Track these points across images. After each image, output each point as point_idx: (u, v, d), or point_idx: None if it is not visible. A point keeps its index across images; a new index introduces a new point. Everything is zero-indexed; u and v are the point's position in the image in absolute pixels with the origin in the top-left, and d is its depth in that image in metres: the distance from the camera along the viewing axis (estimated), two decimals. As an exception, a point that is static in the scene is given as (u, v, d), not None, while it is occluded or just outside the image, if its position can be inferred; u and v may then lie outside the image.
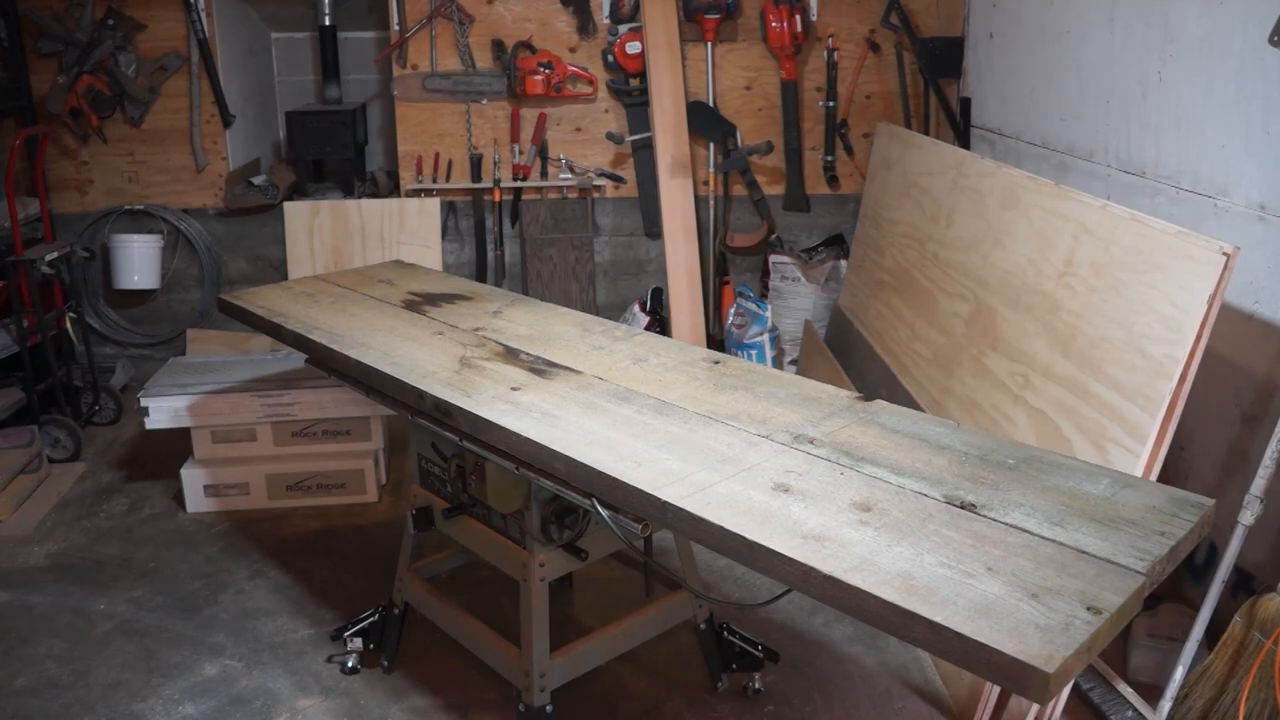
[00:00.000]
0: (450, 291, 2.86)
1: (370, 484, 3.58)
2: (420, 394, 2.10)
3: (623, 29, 4.44)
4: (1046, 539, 1.44)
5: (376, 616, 2.64)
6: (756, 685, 2.55)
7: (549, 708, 2.19)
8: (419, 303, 2.73)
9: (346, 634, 2.63)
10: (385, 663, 2.62)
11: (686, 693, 2.56)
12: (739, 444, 1.81)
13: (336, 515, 3.49)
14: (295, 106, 4.87)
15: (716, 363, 2.23)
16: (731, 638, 2.53)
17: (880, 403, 1.98)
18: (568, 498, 1.92)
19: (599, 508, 1.83)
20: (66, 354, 4.26)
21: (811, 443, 1.80)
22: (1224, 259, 2.04)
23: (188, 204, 4.56)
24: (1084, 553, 1.40)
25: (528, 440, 1.86)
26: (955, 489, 1.60)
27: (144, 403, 3.45)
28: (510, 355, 2.30)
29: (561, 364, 2.24)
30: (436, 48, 4.43)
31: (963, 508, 1.54)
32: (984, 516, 1.51)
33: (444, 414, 2.07)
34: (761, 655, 2.50)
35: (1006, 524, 1.49)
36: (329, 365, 2.48)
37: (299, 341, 2.52)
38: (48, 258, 3.91)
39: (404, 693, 2.55)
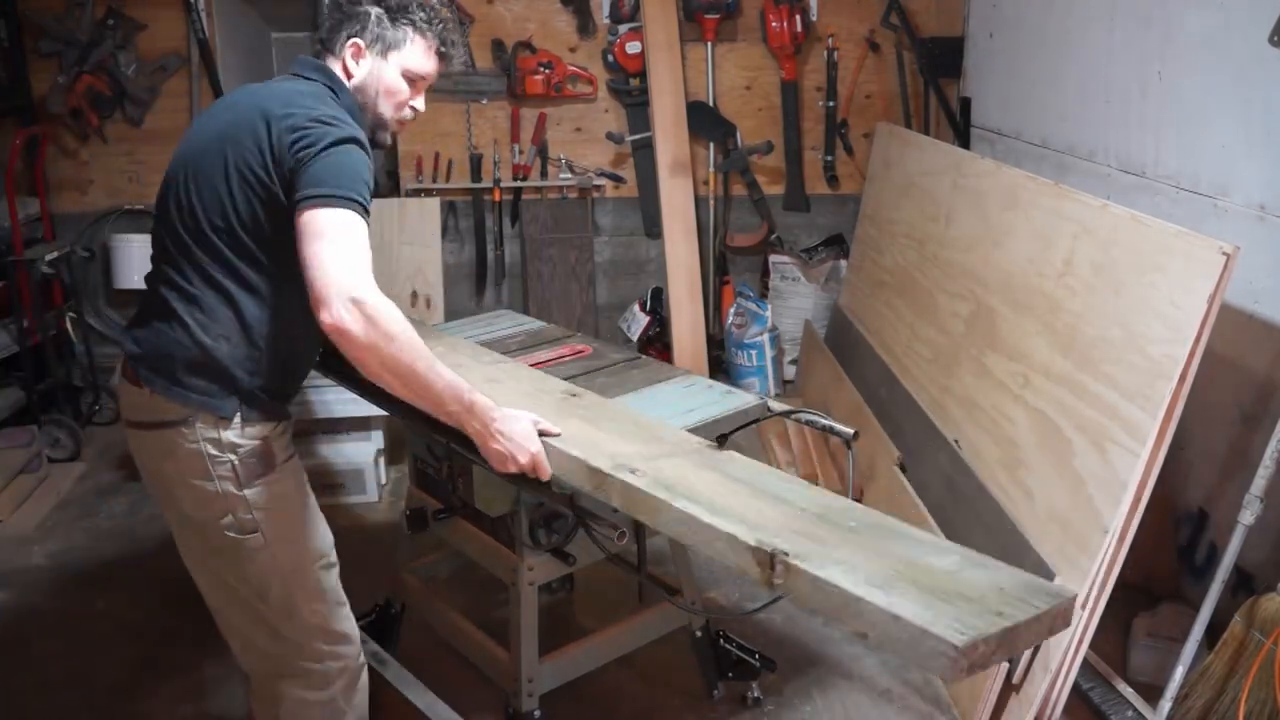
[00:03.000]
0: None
1: (370, 484, 3.58)
2: None
3: (623, 29, 4.44)
4: (859, 598, 1.26)
5: (374, 615, 2.63)
6: (755, 694, 2.53)
7: (537, 713, 2.16)
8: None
9: (346, 633, 2.62)
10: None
11: (684, 698, 2.56)
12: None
13: (336, 515, 3.49)
14: (295, 106, 4.87)
15: (574, 395, 2.09)
16: (727, 646, 2.50)
17: (733, 453, 1.79)
18: (549, 505, 1.92)
19: (575, 514, 1.84)
20: (66, 354, 4.26)
21: (633, 472, 1.64)
22: (1224, 259, 2.04)
23: (188, 204, 4.55)
24: (897, 617, 1.21)
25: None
26: (773, 536, 1.41)
27: (144, 403, 3.45)
28: None
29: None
30: (436, 48, 4.43)
31: (771, 555, 1.35)
32: (793, 565, 1.33)
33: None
34: (758, 664, 2.47)
35: (816, 576, 1.31)
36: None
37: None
38: (48, 258, 3.91)
39: (403, 693, 2.55)
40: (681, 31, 4.42)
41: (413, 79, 1.90)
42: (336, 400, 3.49)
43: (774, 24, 4.41)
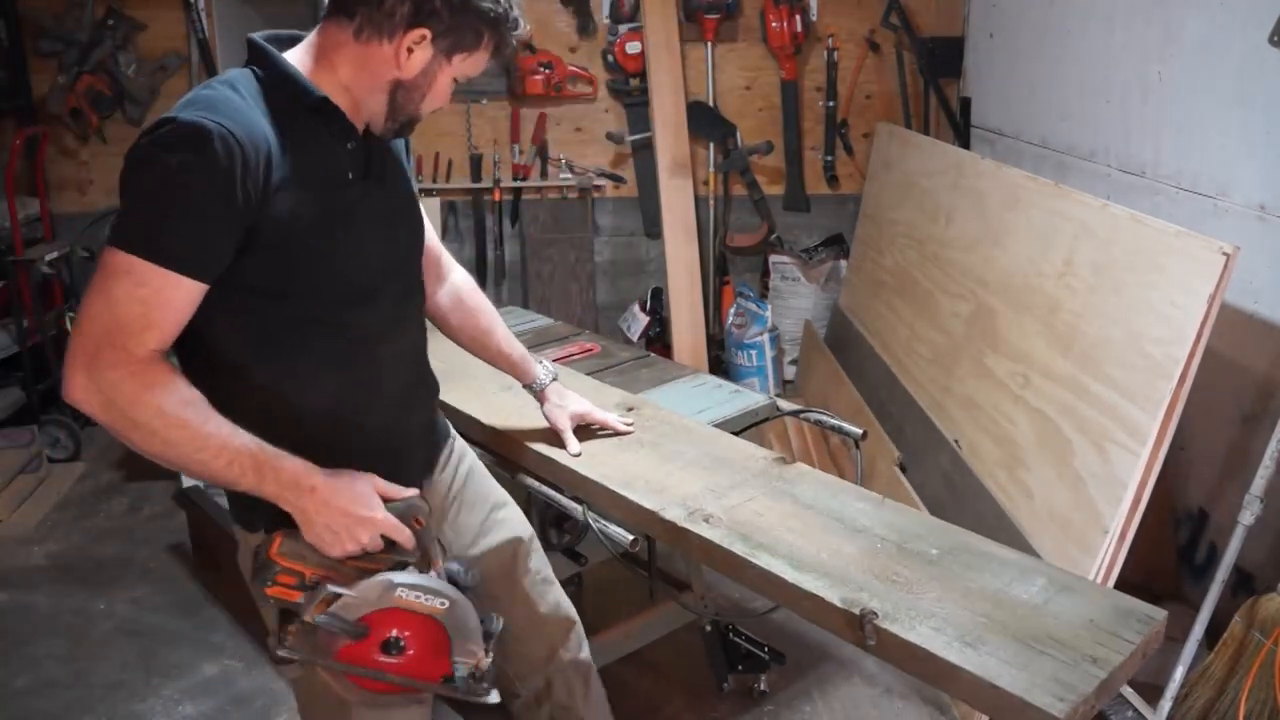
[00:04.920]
0: None
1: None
2: None
3: (623, 29, 4.43)
4: (953, 665, 1.23)
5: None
6: (762, 686, 2.54)
7: None
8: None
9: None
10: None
11: (688, 693, 2.56)
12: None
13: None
14: (295, 106, 4.87)
15: (630, 409, 2.02)
16: (737, 639, 2.52)
17: (801, 467, 1.77)
18: (559, 506, 1.92)
19: (589, 517, 1.84)
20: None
21: (708, 521, 1.59)
22: (1224, 259, 2.04)
23: (188, 204, 4.55)
24: (994, 685, 1.19)
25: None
26: (858, 589, 1.38)
27: (144, 403, 3.44)
28: None
29: (462, 409, 2.07)
30: (436, 48, 4.43)
31: (861, 617, 1.32)
32: (883, 629, 1.30)
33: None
34: (768, 657, 2.49)
35: (908, 641, 1.28)
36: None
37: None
38: (48, 258, 3.91)
39: (404, 693, 2.55)
40: (681, 31, 4.42)
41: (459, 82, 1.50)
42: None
43: (774, 24, 4.41)
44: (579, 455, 1.85)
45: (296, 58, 1.39)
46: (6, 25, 4.19)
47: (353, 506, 1.34)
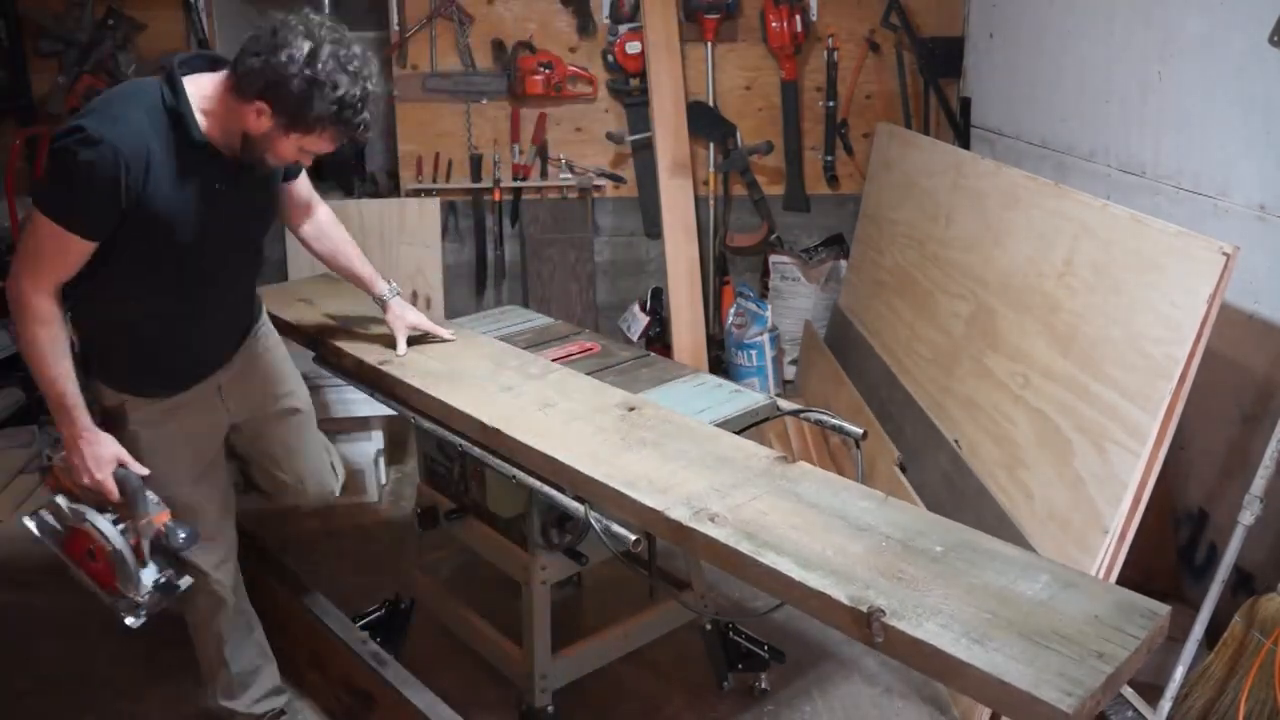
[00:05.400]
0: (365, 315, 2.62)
1: (371, 484, 3.57)
2: None
3: (623, 29, 4.43)
4: (961, 661, 1.24)
5: (383, 611, 2.63)
6: (763, 685, 2.55)
7: (550, 708, 2.19)
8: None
9: (352, 629, 2.63)
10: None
11: (688, 692, 2.56)
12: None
13: (337, 515, 3.49)
14: (295, 106, 4.87)
15: (631, 409, 2.03)
16: (737, 638, 2.52)
17: (803, 466, 1.79)
18: (561, 506, 1.92)
19: (591, 517, 1.84)
20: (66, 354, 4.25)
21: (713, 520, 1.60)
22: (1224, 259, 2.04)
23: (188, 204, 4.55)
24: (1003, 681, 1.20)
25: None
26: (865, 588, 1.39)
27: (144, 403, 3.45)
28: None
29: (462, 409, 2.08)
30: (436, 48, 4.42)
31: (868, 615, 1.33)
32: (890, 626, 1.32)
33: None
34: (768, 656, 2.49)
35: (915, 638, 1.29)
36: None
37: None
38: (48, 258, 3.90)
39: (405, 692, 2.55)
40: (681, 31, 4.41)
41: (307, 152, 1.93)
42: (338, 400, 3.49)
43: (774, 24, 4.40)
44: (403, 355, 2.35)
45: (199, 88, 1.86)
46: (6, 25, 4.18)
47: (90, 458, 1.94)
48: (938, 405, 3.09)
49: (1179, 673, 2.24)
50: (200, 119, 1.85)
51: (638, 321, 4.62)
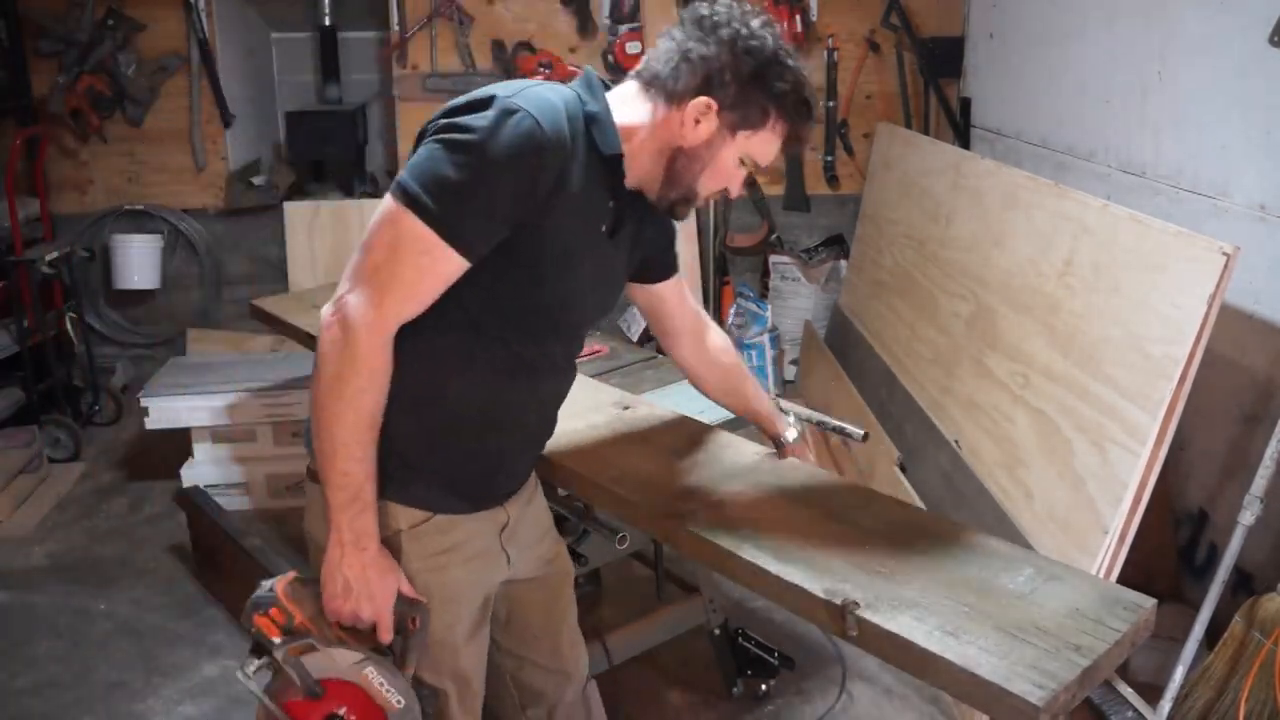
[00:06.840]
0: None
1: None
2: None
3: (623, 29, 4.43)
4: (932, 653, 1.22)
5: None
6: (764, 687, 2.54)
7: None
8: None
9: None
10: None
11: (701, 695, 2.56)
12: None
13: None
14: (295, 107, 4.87)
15: (626, 408, 2.02)
16: (746, 644, 2.50)
17: (791, 461, 1.78)
18: (557, 506, 1.92)
19: (580, 519, 1.84)
20: (66, 354, 4.26)
21: (695, 515, 1.58)
22: (1224, 259, 2.04)
23: (187, 204, 4.55)
24: (974, 674, 1.18)
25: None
26: (842, 581, 1.36)
27: (144, 403, 3.45)
28: None
29: None
30: (436, 48, 4.43)
31: (843, 607, 1.31)
32: (864, 618, 1.29)
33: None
34: (777, 662, 2.47)
35: (888, 630, 1.27)
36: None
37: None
38: (48, 258, 3.91)
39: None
40: (681, 31, 4.42)
41: (744, 166, 1.46)
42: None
43: (774, 24, 4.41)
44: None
45: (616, 97, 1.45)
46: (6, 25, 4.19)
47: (373, 583, 1.37)
48: (938, 405, 3.09)
49: (1179, 673, 2.23)
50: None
51: (638, 322, 4.61)
